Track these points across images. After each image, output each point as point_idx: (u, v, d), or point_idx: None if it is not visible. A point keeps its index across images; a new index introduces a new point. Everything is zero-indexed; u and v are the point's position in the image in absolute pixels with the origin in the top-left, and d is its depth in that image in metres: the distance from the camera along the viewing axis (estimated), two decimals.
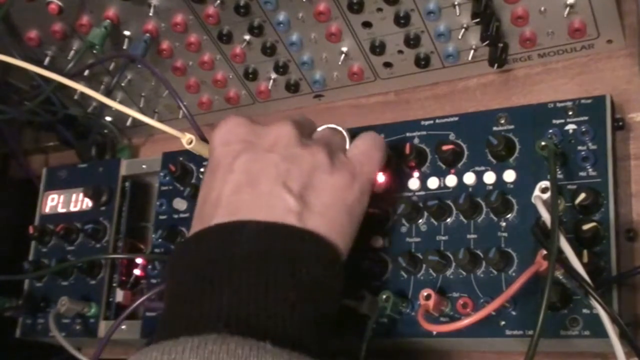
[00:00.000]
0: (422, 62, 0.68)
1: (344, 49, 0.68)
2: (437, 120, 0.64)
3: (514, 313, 0.56)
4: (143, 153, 0.86)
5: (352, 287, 0.56)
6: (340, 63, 0.69)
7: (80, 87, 0.66)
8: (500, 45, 0.64)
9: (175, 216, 0.72)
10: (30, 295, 0.77)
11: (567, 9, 0.61)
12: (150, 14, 0.68)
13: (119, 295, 0.74)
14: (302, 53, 0.70)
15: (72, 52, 0.74)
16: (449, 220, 0.61)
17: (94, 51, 0.71)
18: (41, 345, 0.76)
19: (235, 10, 0.66)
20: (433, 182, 0.62)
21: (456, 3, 0.62)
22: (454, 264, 0.59)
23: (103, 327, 0.73)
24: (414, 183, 0.63)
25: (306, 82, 0.73)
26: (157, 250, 0.72)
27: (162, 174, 0.73)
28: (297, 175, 0.53)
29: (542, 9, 0.62)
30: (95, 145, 0.84)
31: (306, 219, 0.51)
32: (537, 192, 0.56)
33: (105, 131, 0.85)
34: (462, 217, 0.60)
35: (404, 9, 0.63)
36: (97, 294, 0.74)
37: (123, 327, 0.69)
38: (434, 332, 0.57)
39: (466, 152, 0.62)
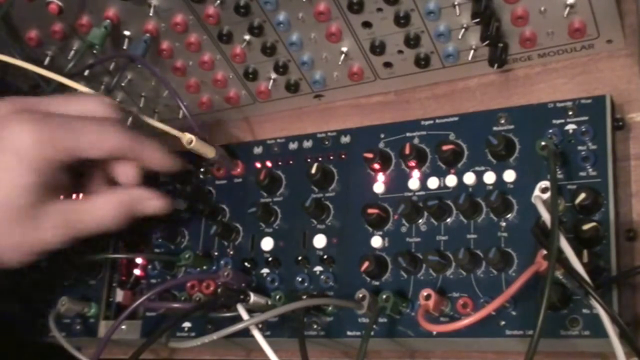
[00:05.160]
0: (422, 62, 0.68)
1: (344, 49, 0.68)
2: (437, 120, 0.64)
3: (514, 313, 0.56)
4: None
5: None
6: (340, 63, 0.69)
7: (80, 87, 0.66)
8: (500, 45, 0.64)
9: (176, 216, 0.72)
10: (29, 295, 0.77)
11: (567, 9, 0.61)
12: (150, 14, 0.68)
13: (119, 295, 0.74)
14: (302, 53, 0.70)
15: (72, 52, 0.74)
16: (449, 220, 0.61)
17: (94, 51, 0.71)
18: (41, 345, 0.76)
19: (235, 10, 0.66)
20: (433, 182, 0.62)
21: (456, 3, 0.62)
22: (454, 264, 0.59)
23: (103, 327, 0.73)
24: (414, 183, 0.63)
25: (306, 82, 0.73)
26: (157, 250, 0.72)
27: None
28: None
29: (542, 9, 0.61)
30: None
31: None
32: (537, 192, 0.56)
33: None
34: (462, 217, 0.60)
35: (404, 9, 0.63)
36: (97, 294, 0.73)
37: (123, 327, 0.69)
38: (434, 332, 0.57)
39: (466, 152, 0.62)
